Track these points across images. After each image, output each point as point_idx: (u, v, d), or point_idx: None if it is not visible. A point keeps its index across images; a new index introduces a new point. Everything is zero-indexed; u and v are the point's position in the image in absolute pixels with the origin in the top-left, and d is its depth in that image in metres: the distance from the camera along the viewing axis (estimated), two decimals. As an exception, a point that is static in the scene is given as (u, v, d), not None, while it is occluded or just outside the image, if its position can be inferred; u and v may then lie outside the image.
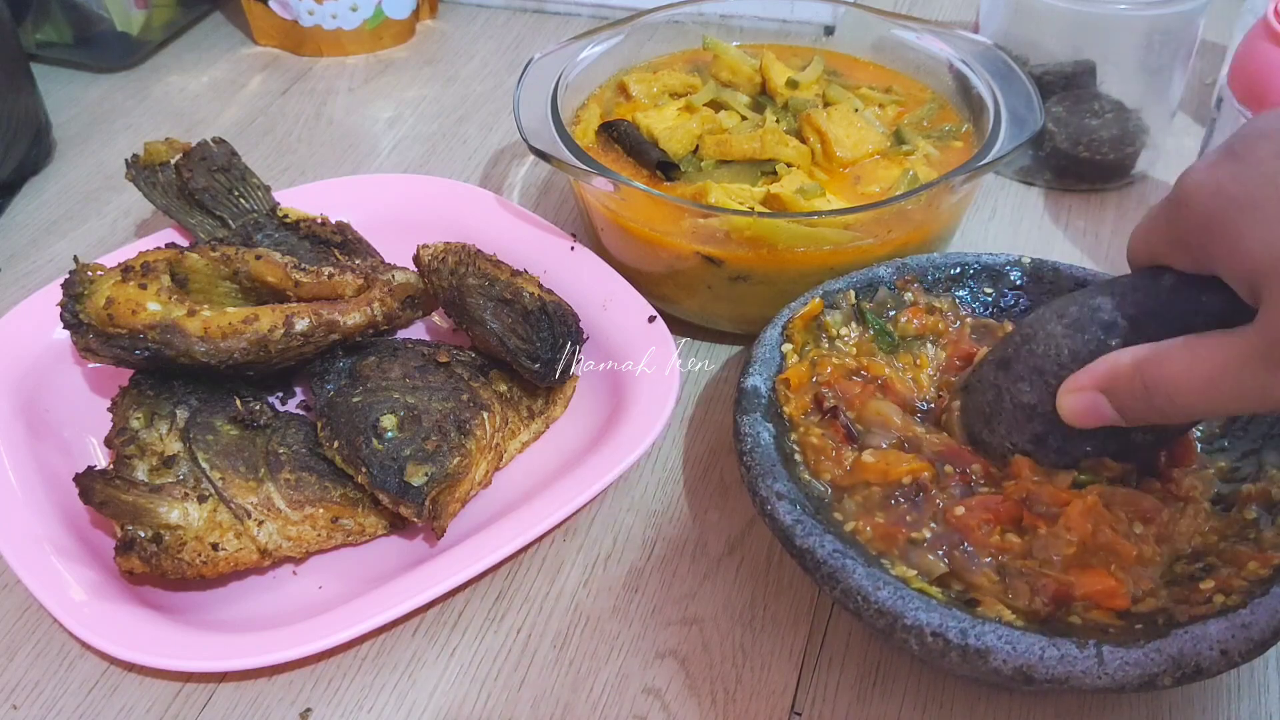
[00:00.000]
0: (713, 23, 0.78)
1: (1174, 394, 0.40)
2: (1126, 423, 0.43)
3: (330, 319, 0.57)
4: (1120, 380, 0.42)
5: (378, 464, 0.51)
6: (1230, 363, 0.39)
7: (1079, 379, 0.44)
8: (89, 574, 0.50)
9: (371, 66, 0.96)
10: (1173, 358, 0.40)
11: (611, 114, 0.72)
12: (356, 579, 0.52)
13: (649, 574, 0.55)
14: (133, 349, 0.54)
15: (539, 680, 0.50)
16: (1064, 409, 0.45)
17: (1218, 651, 0.41)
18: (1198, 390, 0.40)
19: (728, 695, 0.49)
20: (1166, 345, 0.41)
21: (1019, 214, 0.78)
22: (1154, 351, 0.41)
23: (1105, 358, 0.43)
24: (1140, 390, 0.41)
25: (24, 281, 0.73)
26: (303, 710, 0.49)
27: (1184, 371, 0.40)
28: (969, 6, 0.98)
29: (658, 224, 0.62)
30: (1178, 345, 0.40)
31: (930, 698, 0.49)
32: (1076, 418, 0.44)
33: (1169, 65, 0.74)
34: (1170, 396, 0.40)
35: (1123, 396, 0.42)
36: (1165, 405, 0.41)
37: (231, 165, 0.69)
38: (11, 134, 0.79)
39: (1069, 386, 0.44)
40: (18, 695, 0.49)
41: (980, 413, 0.49)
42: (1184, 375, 0.40)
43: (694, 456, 0.61)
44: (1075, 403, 0.44)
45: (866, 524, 0.48)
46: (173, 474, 0.51)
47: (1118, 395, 0.42)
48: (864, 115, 0.69)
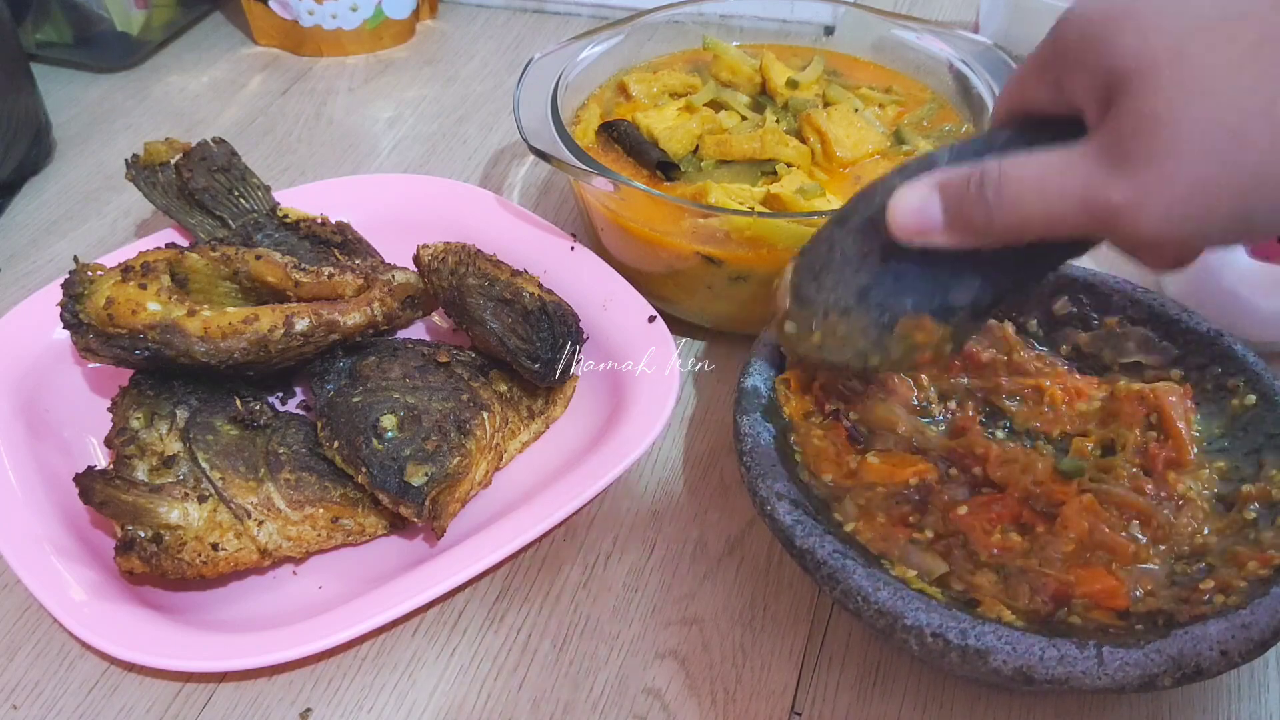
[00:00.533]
0: (713, 23, 0.78)
1: (1005, 185, 0.38)
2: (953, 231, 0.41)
3: (330, 319, 0.57)
4: (955, 175, 0.40)
5: (378, 464, 0.51)
6: (1066, 159, 0.37)
7: (914, 180, 0.42)
8: (89, 574, 0.50)
9: (371, 66, 0.96)
10: (1011, 159, 0.39)
11: (611, 114, 0.72)
12: (356, 579, 0.52)
13: (649, 574, 0.55)
14: (133, 349, 0.54)
15: (539, 680, 0.50)
16: (893, 210, 0.42)
17: (1218, 652, 0.41)
18: (1030, 184, 0.38)
19: (728, 695, 0.49)
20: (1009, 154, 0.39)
21: (1019, 214, 0.77)
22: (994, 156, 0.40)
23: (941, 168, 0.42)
24: (975, 182, 0.39)
25: (24, 281, 0.73)
26: (303, 710, 0.49)
27: (1019, 164, 0.38)
28: (969, 6, 0.98)
29: (658, 224, 0.62)
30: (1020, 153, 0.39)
31: (930, 698, 0.49)
32: (904, 219, 0.42)
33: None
34: (1001, 188, 0.38)
35: (955, 191, 0.40)
36: (996, 199, 0.39)
37: (231, 165, 0.69)
38: (11, 134, 0.79)
39: (902, 187, 0.42)
40: (18, 695, 0.49)
41: (810, 269, 0.47)
42: (1018, 167, 0.38)
43: (694, 456, 0.61)
44: (906, 199, 0.42)
45: (867, 525, 0.48)
46: (173, 474, 0.51)
47: (950, 190, 0.40)
48: (864, 115, 0.69)
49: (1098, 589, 0.44)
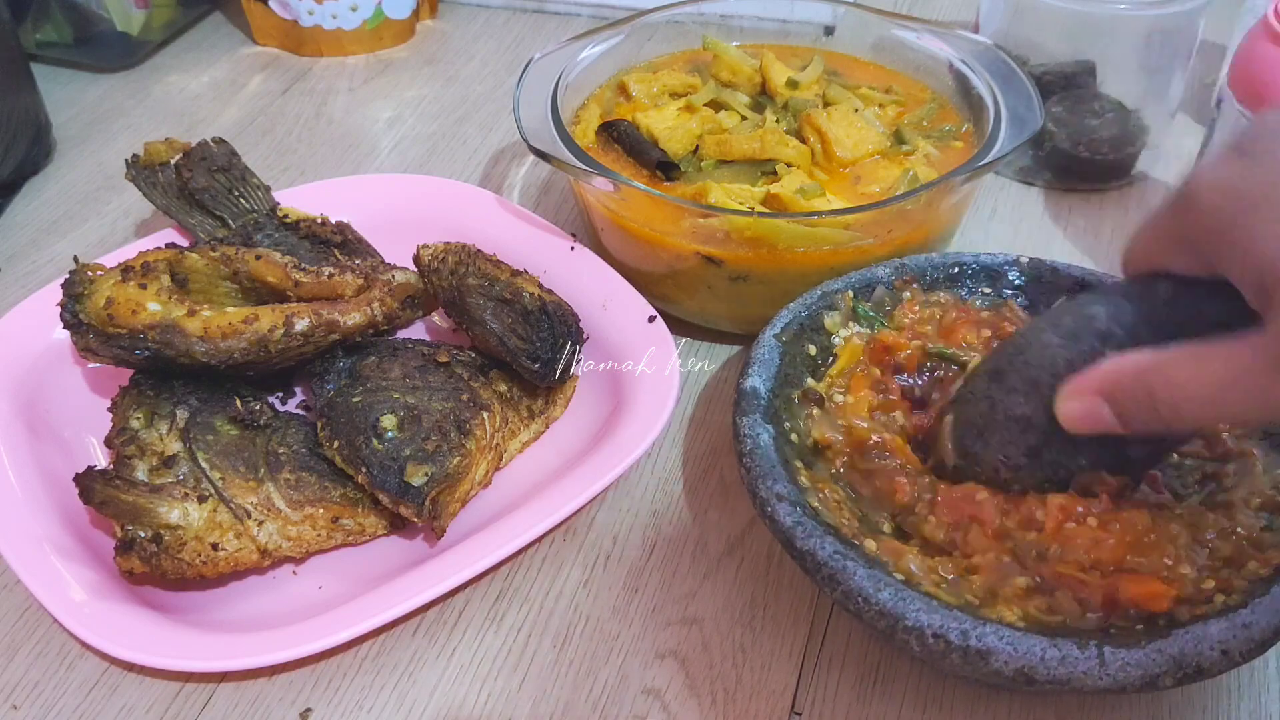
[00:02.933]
0: (713, 23, 0.78)
1: (1179, 402, 0.39)
2: (1126, 430, 0.42)
3: (330, 319, 0.57)
4: (1123, 386, 0.41)
5: (378, 464, 0.51)
6: (1239, 369, 0.37)
7: (1080, 383, 0.43)
8: (89, 574, 0.50)
9: (371, 66, 0.96)
10: (1178, 364, 0.39)
11: (611, 114, 0.72)
12: (356, 579, 0.52)
13: (649, 574, 0.54)
14: (133, 349, 0.54)
15: (539, 680, 0.50)
16: (1063, 414, 0.43)
17: (1218, 652, 0.41)
18: (1204, 398, 0.38)
19: (728, 695, 0.49)
20: (1171, 352, 0.40)
21: (1019, 214, 0.78)
22: (1158, 358, 0.40)
23: (1107, 363, 0.42)
24: (1144, 397, 0.40)
25: (24, 281, 0.73)
26: (303, 710, 0.49)
27: (1190, 379, 0.39)
28: (969, 6, 0.98)
29: (658, 224, 0.62)
30: (1183, 352, 0.39)
31: (931, 698, 0.49)
32: (1076, 423, 0.43)
33: (1169, 65, 0.74)
34: (1175, 404, 0.39)
35: (1125, 403, 0.41)
36: (1169, 413, 0.39)
37: (231, 165, 0.69)
38: (11, 134, 0.79)
39: (1069, 391, 0.43)
40: (18, 695, 0.49)
41: (972, 425, 0.48)
42: (1190, 383, 0.39)
43: (694, 456, 0.61)
44: (1075, 408, 0.43)
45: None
46: (173, 474, 0.51)
47: (1119, 401, 0.41)
48: (864, 115, 0.69)
49: (1143, 592, 0.44)
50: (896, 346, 0.55)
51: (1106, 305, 0.43)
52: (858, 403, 0.54)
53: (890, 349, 0.55)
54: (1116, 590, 0.44)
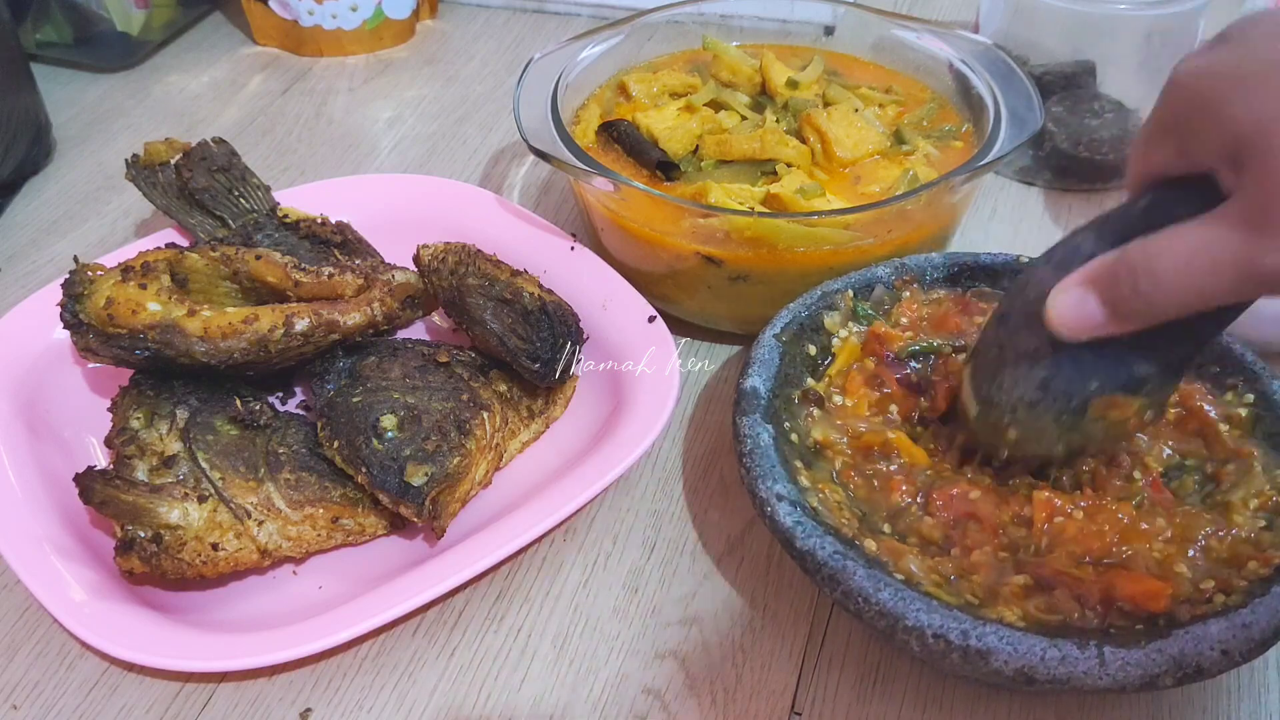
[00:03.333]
0: (713, 23, 0.78)
1: (1156, 271, 0.39)
2: (1117, 325, 0.42)
3: (330, 319, 0.57)
4: (1104, 270, 0.41)
5: (378, 464, 0.51)
6: (1212, 232, 0.38)
7: (1066, 279, 0.43)
8: (89, 574, 0.50)
9: (371, 66, 0.96)
10: (1155, 240, 0.40)
11: (611, 114, 0.72)
12: (356, 579, 0.52)
13: (649, 574, 0.54)
14: (133, 349, 0.54)
15: (539, 680, 0.50)
16: (1052, 314, 0.43)
17: (1219, 651, 0.41)
18: (1180, 265, 0.38)
19: (728, 695, 0.49)
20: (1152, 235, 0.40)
21: (1019, 214, 0.78)
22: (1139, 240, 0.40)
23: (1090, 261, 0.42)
24: (1125, 274, 0.40)
25: (24, 281, 0.73)
26: (303, 710, 0.49)
27: (1165, 248, 0.39)
28: (969, 6, 0.98)
29: (658, 224, 0.62)
30: (1163, 232, 0.40)
31: (930, 698, 0.49)
32: (1066, 321, 0.43)
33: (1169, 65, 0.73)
34: (1153, 275, 0.39)
35: (1107, 285, 0.41)
36: (1150, 288, 0.39)
37: (231, 165, 0.69)
38: (11, 134, 0.79)
39: (1057, 288, 0.43)
40: (18, 695, 0.49)
41: (987, 373, 0.48)
42: (1165, 251, 0.39)
43: (694, 456, 0.61)
44: (1063, 302, 0.42)
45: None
46: (173, 474, 0.51)
47: (1103, 285, 0.41)
48: (864, 115, 0.69)
49: (1140, 590, 0.44)
50: (889, 338, 0.55)
51: (1092, 230, 0.44)
52: (857, 404, 0.54)
53: (884, 340, 0.55)
54: (1113, 587, 0.44)
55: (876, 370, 0.55)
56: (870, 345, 0.56)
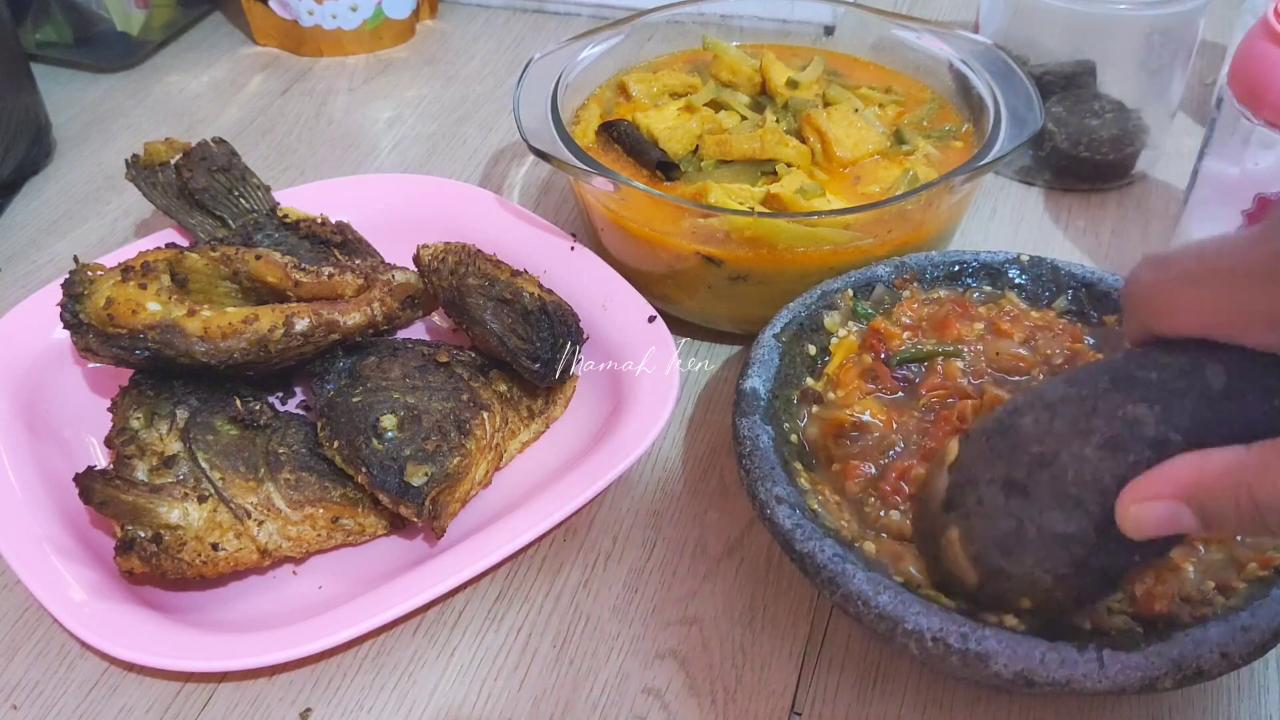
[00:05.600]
0: (713, 23, 0.78)
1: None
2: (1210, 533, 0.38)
3: (330, 319, 0.57)
4: (1211, 490, 0.36)
5: (378, 464, 0.51)
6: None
7: (1149, 488, 0.38)
8: (89, 574, 0.50)
9: (371, 66, 0.96)
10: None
11: (611, 114, 0.72)
12: (356, 579, 0.52)
13: (649, 574, 0.55)
14: (133, 349, 0.54)
15: (539, 680, 0.50)
16: (1130, 521, 0.38)
17: (1218, 654, 0.41)
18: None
19: (728, 695, 0.49)
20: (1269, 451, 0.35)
21: (1019, 214, 0.78)
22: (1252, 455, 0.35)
23: (1179, 462, 0.37)
24: (1247, 506, 0.35)
25: (24, 281, 0.73)
26: (303, 710, 0.49)
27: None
28: (969, 6, 0.98)
29: (658, 224, 0.62)
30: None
31: (930, 699, 0.49)
32: (1145, 531, 0.38)
33: (1169, 65, 0.74)
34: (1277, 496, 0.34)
35: (1216, 509, 0.36)
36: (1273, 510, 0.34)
37: (231, 165, 0.69)
38: (11, 134, 0.79)
39: (1136, 496, 0.38)
40: (18, 695, 0.49)
41: (996, 544, 0.43)
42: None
43: (694, 456, 0.61)
44: (1149, 514, 0.37)
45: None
46: (173, 474, 0.51)
47: (1209, 506, 0.36)
48: (864, 115, 0.69)
49: (1139, 592, 0.44)
50: (888, 335, 0.55)
51: (1150, 404, 0.38)
52: (847, 395, 0.54)
53: (883, 336, 0.55)
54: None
55: (873, 365, 0.55)
56: (869, 341, 0.56)
